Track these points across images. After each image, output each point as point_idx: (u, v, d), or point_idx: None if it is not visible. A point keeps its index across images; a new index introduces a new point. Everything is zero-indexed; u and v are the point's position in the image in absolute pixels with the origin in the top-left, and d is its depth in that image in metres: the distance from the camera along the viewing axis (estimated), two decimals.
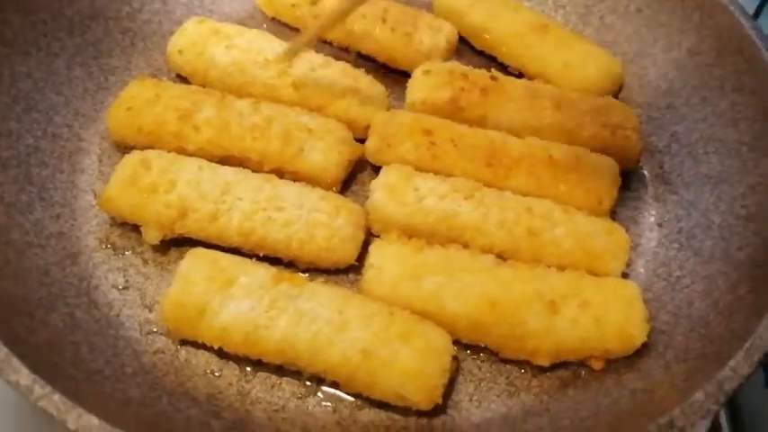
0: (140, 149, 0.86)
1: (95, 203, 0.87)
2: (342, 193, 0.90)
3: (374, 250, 0.80)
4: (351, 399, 0.76)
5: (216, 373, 0.77)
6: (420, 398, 0.72)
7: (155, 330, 0.79)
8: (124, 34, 1.01)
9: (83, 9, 0.98)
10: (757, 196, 0.85)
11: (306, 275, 0.83)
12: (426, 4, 1.09)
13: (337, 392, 0.76)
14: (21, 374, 0.63)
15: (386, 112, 0.92)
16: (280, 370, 0.76)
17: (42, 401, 0.61)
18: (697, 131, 0.95)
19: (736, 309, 0.76)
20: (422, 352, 0.72)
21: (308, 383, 0.77)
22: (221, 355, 0.77)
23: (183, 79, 0.99)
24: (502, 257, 0.81)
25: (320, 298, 0.75)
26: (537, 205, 0.84)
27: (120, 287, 0.82)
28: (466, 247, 0.81)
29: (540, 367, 0.78)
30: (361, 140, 0.91)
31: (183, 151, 0.87)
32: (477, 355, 0.80)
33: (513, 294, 0.76)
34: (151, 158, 0.84)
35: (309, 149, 0.87)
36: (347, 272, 0.84)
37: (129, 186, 0.82)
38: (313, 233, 0.81)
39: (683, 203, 0.91)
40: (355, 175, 0.92)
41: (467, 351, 0.80)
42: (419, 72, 0.95)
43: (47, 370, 0.65)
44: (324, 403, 0.76)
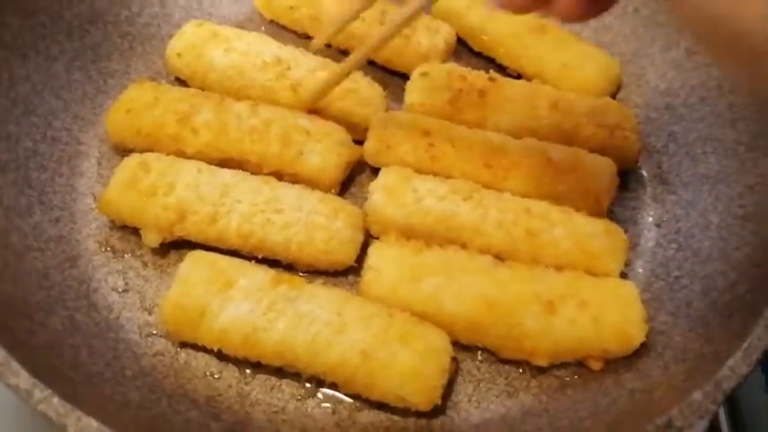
0: (139, 152, 0.86)
1: (95, 206, 0.87)
2: (340, 194, 0.90)
3: (373, 252, 0.80)
4: (350, 400, 0.76)
5: (215, 376, 0.77)
6: (419, 399, 0.72)
7: (154, 333, 0.80)
8: (123, 38, 1.01)
9: (82, 12, 0.98)
10: (755, 196, 0.85)
11: (305, 277, 0.83)
12: None
13: (337, 394, 0.76)
14: (20, 378, 0.63)
15: (384, 113, 0.92)
16: (279, 372, 0.77)
17: (42, 405, 0.61)
18: (695, 131, 0.95)
19: (735, 308, 0.76)
20: (421, 353, 0.72)
21: (307, 385, 0.77)
22: (221, 357, 0.77)
23: (182, 82, 0.99)
24: (500, 258, 0.81)
25: (319, 300, 0.75)
26: (535, 206, 0.84)
27: (120, 290, 0.83)
28: (464, 247, 0.81)
29: (539, 368, 0.78)
30: (360, 142, 0.91)
31: (181, 154, 0.87)
32: (475, 356, 0.80)
33: (512, 295, 0.76)
34: (150, 161, 0.84)
35: (308, 152, 0.87)
36: (346, 274, 0.84)
37: (129, 189, 0.82)
38: (312, 235, 0.81)
39: (681, 203, 0.91)
40: (354, 177, 0.92)
41: (466, 352, 0.80)
42: (417, 74, 0.95)
43: (46, 373, 0.64)
44: (323, 405, 0.76)
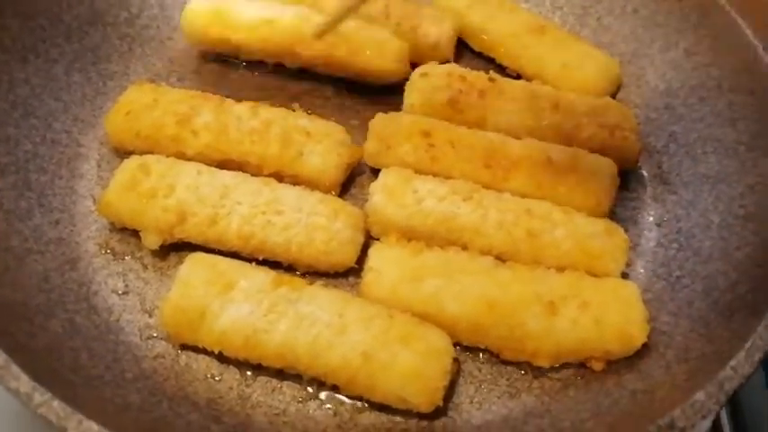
0: (139, 154, 0.86)
1: (94, 209, 0.87)
2: (341, 196, 0.89)
3: (373, 253, 0.80)
4: (351, 402, 0.76)
5: (216, 378, 0.77)
6: (421, 400, 0.72)
7: (155, 335, 0.79)
8: (122, 39, 1.01)
9: (81, 14, 0.98)
10: (756, 196, 0.85)
11: (305, 279, 0.82)
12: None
13: (338, 396, 0.76)
14: (20, 381, 0.62)
15: (384, 114, 0.92)
16: (280, 374, 0.76)
17: (42, 408, 0.61)
18: (695, 131, 0.95)
19: (736, 308, 0.76)
20: (422, 354, 0.72)
21: (308, 387, 0.77)
22: (221, 359, 0.77)
23: (183, 82, 0.99)
24: (501, 259, 0.81)
25: (320, 301, 0.75)
26: (536, 206, 0.84)
27: (120, 292, 0.82)
28: (465, 248, 0.81)
29: (541, 368, 0.78)
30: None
31: (181, 156, 0.87)
32: (477, 357, 0.80)
33: (513, 296, 0.76)
34: (150, 163, 0.84)
35: (308, 153, 0.87)
36: (347, 275, 0.84)
37: (128, 191, 0.82)
38: (312, 236, 0.81)
39: (681, 203, 0.91)
40: (354, 178, 0.92)
41: (467, 353, 0.80)
42: (417, 75, 0.95)
43: (46, 376, 0.64)
44: (324, 406, 0.76)
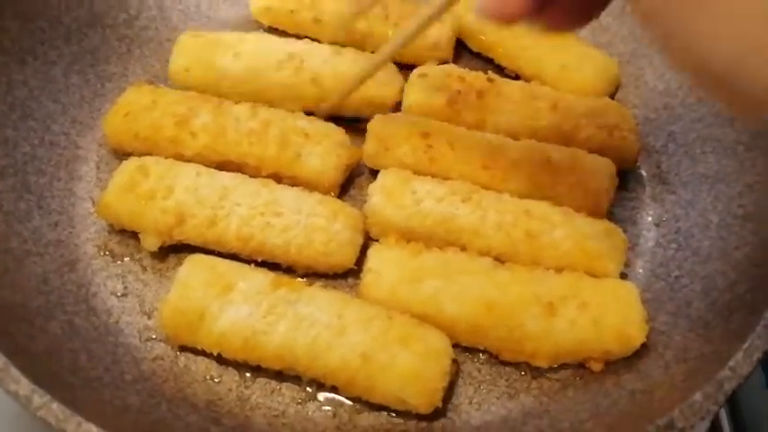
0: (138, 156, 0.86)
1: (93, 211, 0.87)
2: (340, 197, 0.89)
3: (372, 254, 0.80)
4: (351, 403, 0.76)
5: (215, 380, 0.77)
6: (420, 401, 0.71)
7: (154, 337, 0.79)
8: (121, 41, 1.01)
9: (80, 17, 0.98)
10: (755, 195, 0.85)
11: (304, 280, 0.83)
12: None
13: (337, 397, 0.76)
14: (20, 384, 0.62)
15: (382, 115, 0.92)
16: (279, 375, 0.76)
17: (41, 411, 0.61)
18: (694, 131, 0.95)
19: (735, 308, 0.75)
20: (421, 355, 0.72)
21: (307, 388, 0.77)
22: (221, 361, 0.77)
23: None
24: (500, 260, 0.81)
25: (319, 302, 0.75)
26: (534, 207, 0.83)
27: (119, 294, 0.82)
28: (464, 249, 0.81)
29: (540, 369, 0.78)
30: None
31: (180, 157, 0.86)
32: (476, 358, 0.80)
33: (512, 297, 0.76)
34: (148, 165, 0.84)
35: (307, 154, 0.87)
36: (346, 276, 0.84)
37: (127, 193, 0.82)
38: (311, 238, 0.81)
39: (680, 203, 0.91)
40: (353, 180, 0.92)
41: (466, 354, 0.80)
42: (415, 75, 0.95)
43: (46, 379, 0.64)
44: (324, 408, 0.76)
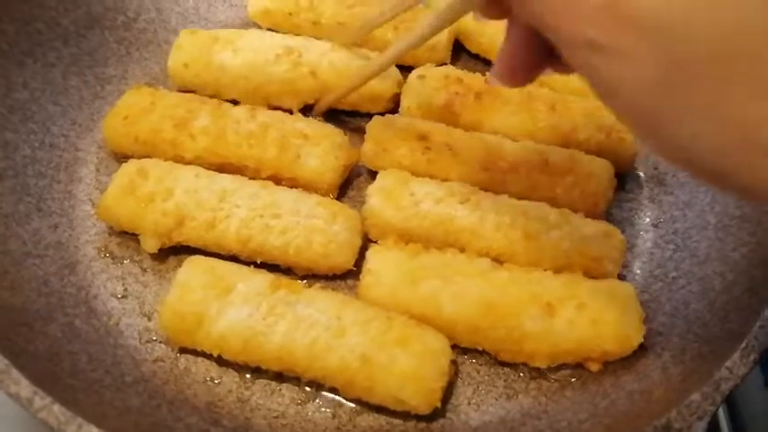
0: (137, 158, 0.86)
1: (93, 213, 0.87)
2: (338, 198, 0.90)
3: (371, 255, 0.80)
4: (350, 404, 0.76)
5: (215, 381, 0.77)
6: (419, 402, 0.72)
7: (154, 339, 0.80)
8: (120, 43, 1.01)
9: (78, 18, 0.98)
10: None
11: (303, 282, 0.83)
12: None
13: (337, 398, 0.76)
14: (21, 386, 0.63)
15: (381, 117, 0.92)
16: (279, 376, 0.77)
17: (42, 413, 0.62)
18: None
19: (732, 309, 0.76)
20: (420, 356, 0.72)
21: (307, 389, 0.77)
22: (221, 362, 0.77)
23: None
24: (498, 261, 0.81)
25: (318, 304, 0.75)
26: (533, 208, 0.84)
27: (119, 296, 0.83)
28: (462, 251, 0.81)
29: (538, 370, 0.78)
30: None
31: (179, 160, 0.87)
32: (475, 359, 0.80)
33: (510, 297, 0.76)
34: (148, 167, 0.84)
35: (305, 155, 0.87)
36: (345, 277, 0.84)
37: (127, 195, 0.82)
38: (310, 239, 0.81)
39: (678, 204, 0.92)
40: (352, 181, 0.93)
41: (465, 355, 0.80)
42: (413, 77, 0.95)
43: (46, 381, 0.65)
44: (323, 409, 0.76)
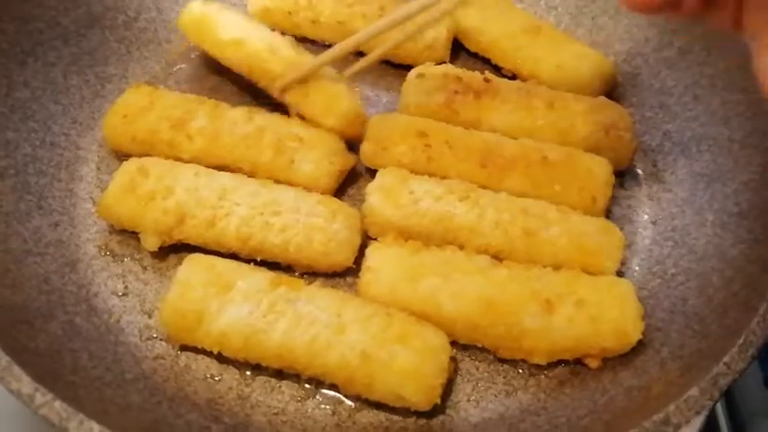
0: (137, 157, 0.87)
1: (94, 211, 0.88)
2: (338, 196, 0.90)
3: (371, 253, 0.81)
4: (350, 401, 0.76)
5: (216, 378, 0.78)
6: (419, 398, 0.72)
7: (154, 336, 0.80)
8: (120, 42, 1.01)
9: (79, 18, 0.98)
10: (750, 193, 0.85)
11: (303, 279, 0.83)
12: None
13: (337, 394, 0.77)
14: (22, 383, 0.63)
15: (380, 115, 0.92)
16: (279, 373, 0.77)
17: (44, 409, 0.62)
18: (689, 130, 0.95)
19: (730, 305, 0.76)
20: (420, 352, 0.72)
21: (307, 386, 0.77)
22: (221, 359, 0.78)
23: (181, 85, 1.00)
24: (498, 258, 0.81)
25: (318, 301, 0.75)
26: (532, 206, 0.84)
27: (120, 294, 0.83)
28: (462, 248, 0.82)
29: (537, 366, 0.79)
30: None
31: (177, 160, 0.87)
32: (474, 356, 0.80)
33: (509, 294, 0.76)
34: (149, 166, 0.84)
35: (300, 160, 0.87)
36: (345, 275, 0.85)
37: (128, 194, 0.83)
38: (310, 237, 0.81)
39: (676, 201, 0.92)
40: (351, 179, 0.93)
41: (464, 352, 0.80)
42: (413, 75, 0.95)
43: (47, 378, 0.65)
44: (323, 405, 0.76)
